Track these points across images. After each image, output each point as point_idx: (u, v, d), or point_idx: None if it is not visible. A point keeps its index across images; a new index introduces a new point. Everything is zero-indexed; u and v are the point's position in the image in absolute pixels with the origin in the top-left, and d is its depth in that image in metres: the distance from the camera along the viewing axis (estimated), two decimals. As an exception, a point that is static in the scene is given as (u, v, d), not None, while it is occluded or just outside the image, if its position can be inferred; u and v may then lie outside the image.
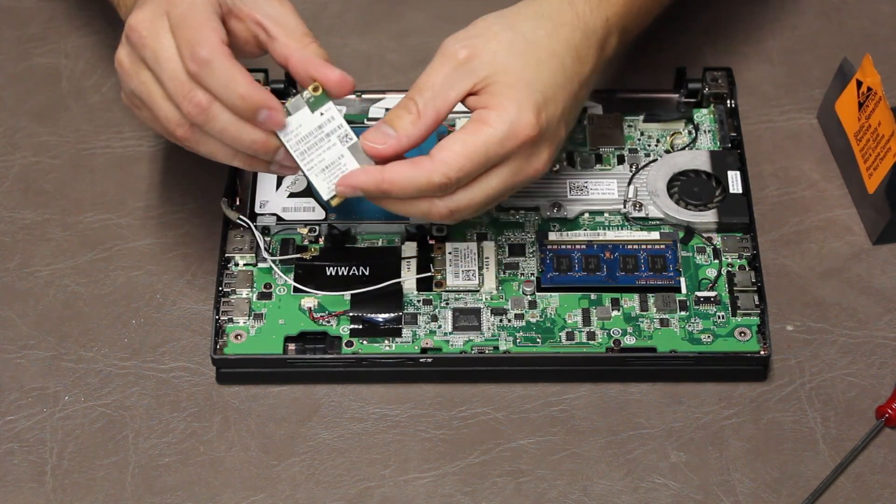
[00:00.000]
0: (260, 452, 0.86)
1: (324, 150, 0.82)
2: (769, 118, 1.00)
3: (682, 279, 0.90)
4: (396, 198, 0.81)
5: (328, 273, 0.90)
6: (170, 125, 0.80)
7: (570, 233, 0.92)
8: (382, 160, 0.81)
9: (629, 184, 0.94)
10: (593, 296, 0.89)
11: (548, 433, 0.86)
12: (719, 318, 0.89)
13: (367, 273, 0.90)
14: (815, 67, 1.02)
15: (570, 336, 0.88)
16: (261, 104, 0.79)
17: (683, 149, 0.96)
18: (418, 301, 0.89)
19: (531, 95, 0.81)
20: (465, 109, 0.82)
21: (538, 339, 0.88)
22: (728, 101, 0.97)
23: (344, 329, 0.88)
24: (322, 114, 0.81)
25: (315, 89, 0.81)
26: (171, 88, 0.79)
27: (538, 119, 0.81)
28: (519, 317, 0.89)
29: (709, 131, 0.97)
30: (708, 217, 0.92)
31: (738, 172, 0.94)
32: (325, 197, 0.82)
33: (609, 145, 0.96)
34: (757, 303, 0.89)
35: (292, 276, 0.90)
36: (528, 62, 0.82)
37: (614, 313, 0.89)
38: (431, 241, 0.91)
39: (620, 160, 0.95)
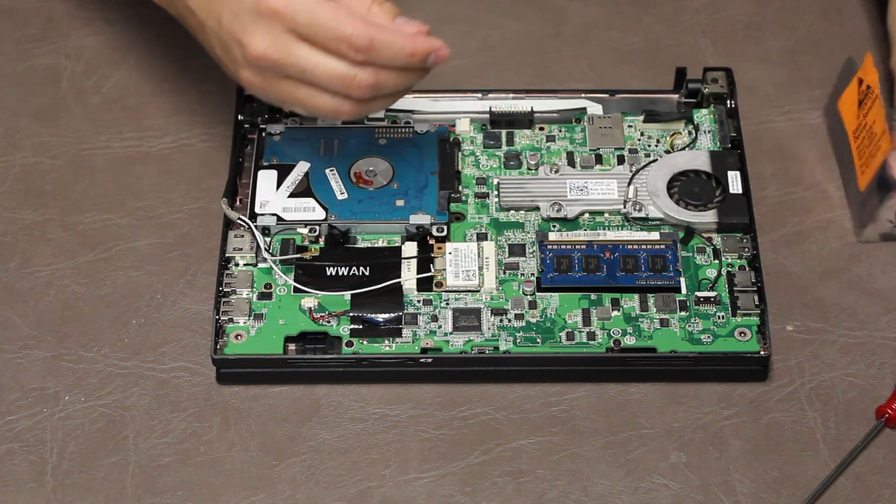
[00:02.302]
0: (260, 453, 0.85)
1: None
2: (769, 118, 1.00)
3: (682, 279, 0.90)
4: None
5: (328, 273, 0.90)
6: (331, 110, 0.82)
7: (570, 233, 0.92)
8: None
9: (629, 184, 0.94)
10: (593, 296, 0.89)
11: (548, 433, 0.86)
12: (719, 318, 0.89)
13: (367, 273, 0.90)
14: (816, 68, 1.02)
15: (570, 336, 0.88)
16: (429, 51, 0.81)
17: (683, 149, 0.96)
18: (418, 301, 0.89)
19: None
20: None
21: (538, 340, 0.88)
22: (728, 102, 0.97)
23: (344, 329, 0.88)
24: None
25: None
26: (332, 87, 0.80)
27: None
28: (519, 317, 0.89)
29: (709, 131, 0.97)
30: (708, 217, 0.92)
31: (738, 173, 0.94)
32: None
33: (609, 145, 0.96)
34: (757, 303, 0.89)
35: (292, 276, 0.90)
36: None
37: (614, 313, 0.89)
38: (431, 241, 0.91)
39: (620, 160, 0.95)
